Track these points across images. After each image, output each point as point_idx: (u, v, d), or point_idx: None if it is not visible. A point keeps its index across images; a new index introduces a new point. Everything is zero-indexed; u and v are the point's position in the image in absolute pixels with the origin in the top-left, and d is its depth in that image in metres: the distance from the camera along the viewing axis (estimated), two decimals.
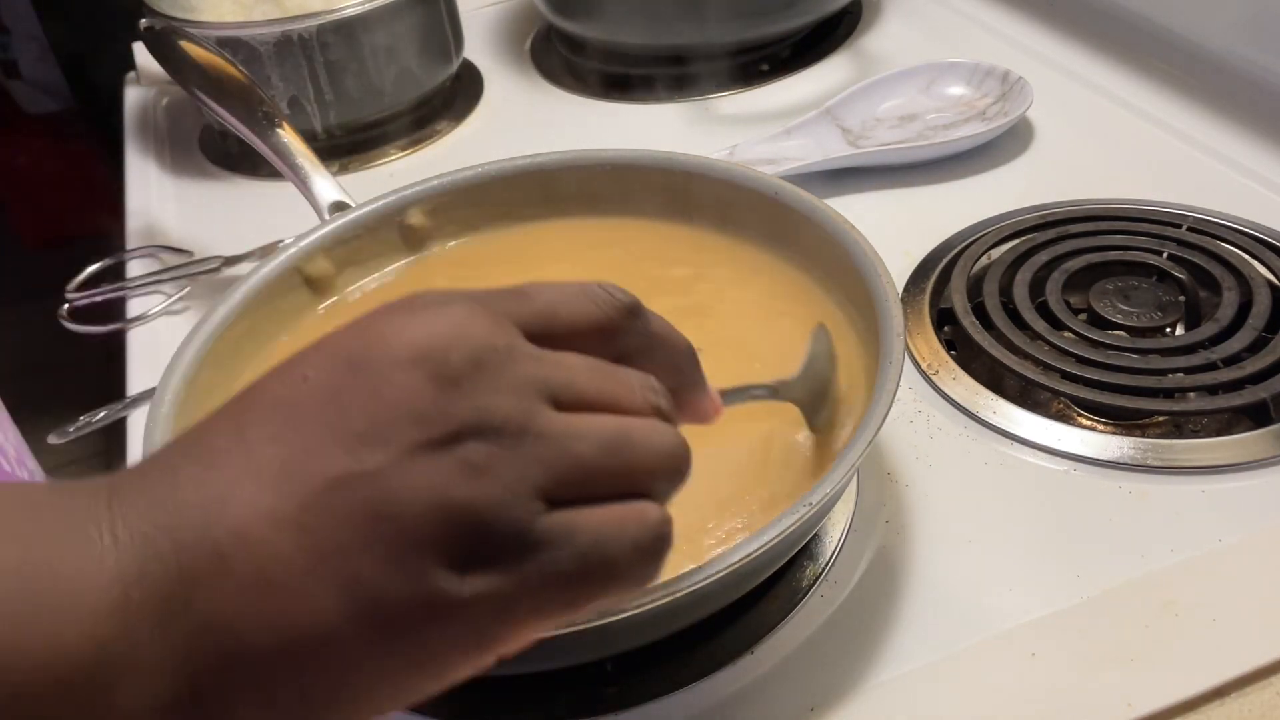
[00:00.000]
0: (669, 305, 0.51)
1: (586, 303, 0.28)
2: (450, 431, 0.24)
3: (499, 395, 0.25)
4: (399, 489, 0.23)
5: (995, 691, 0.40)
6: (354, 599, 0.23)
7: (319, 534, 0.23)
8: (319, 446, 0.24)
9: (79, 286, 0.67)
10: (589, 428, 0.26)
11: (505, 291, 0.28)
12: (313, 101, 0.74)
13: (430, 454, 0.24)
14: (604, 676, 0.42)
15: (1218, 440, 0.48)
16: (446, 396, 0.24)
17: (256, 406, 0.25)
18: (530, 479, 0.24)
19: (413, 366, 0.24)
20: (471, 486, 0.24)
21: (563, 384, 0.26)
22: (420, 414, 0.24)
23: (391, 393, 0.24)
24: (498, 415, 0.24)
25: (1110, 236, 0.60)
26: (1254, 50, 0.69)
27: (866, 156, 0.68)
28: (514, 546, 0.24)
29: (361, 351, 0.25)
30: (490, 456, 0.24)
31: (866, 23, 0.88)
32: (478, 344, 0.25)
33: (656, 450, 0.27)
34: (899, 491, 0.48)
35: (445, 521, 0.23)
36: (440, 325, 0.25)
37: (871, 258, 0.46)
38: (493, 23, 0.96)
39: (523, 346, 0.26)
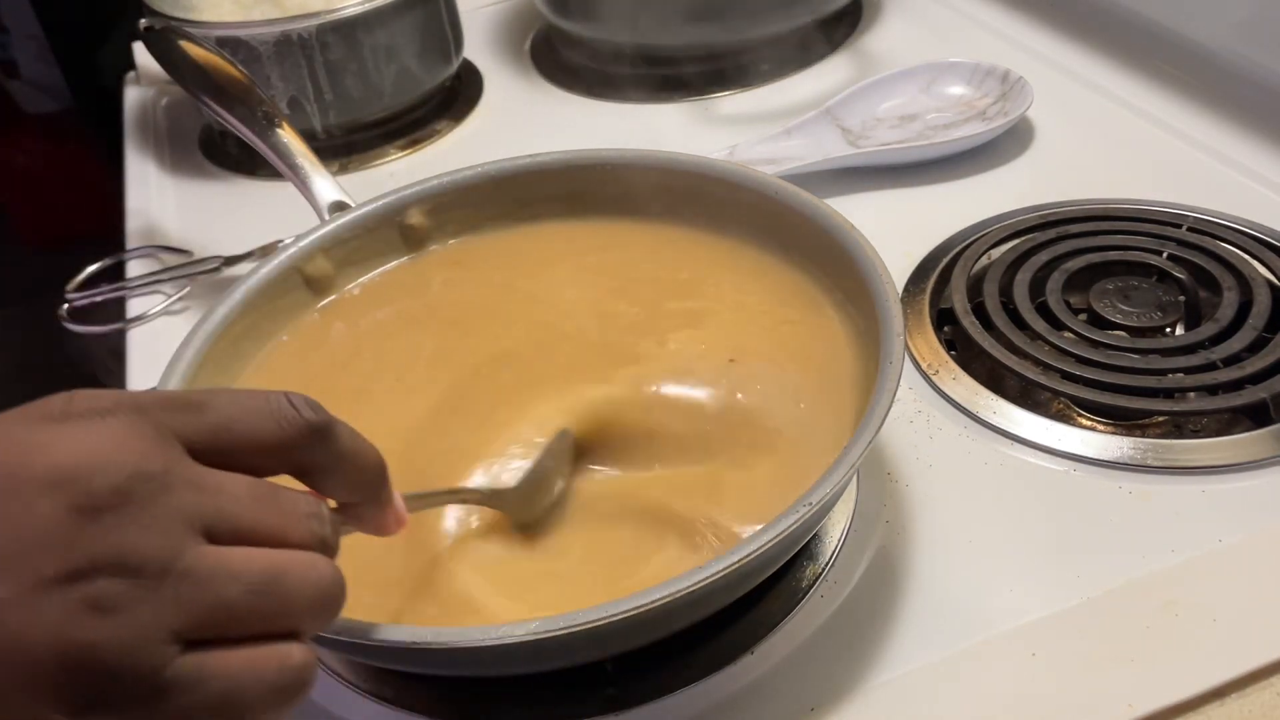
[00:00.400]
0: (669, 306, 0.52)
1: (267, 420, 0.27)
2: (80, 567, 0.22)
3: (142, 530, 0.23)
4: (16, 626, 0.22)
5: (995, 691, 0.40)
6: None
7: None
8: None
9: (79, 286, 0.67)
10: (239, 567, 0.25)
11: (178, 401, 0.26)
12: (313, 101, 0.74)
13: (56, 590, 0.22)
14: (604, 676, 0.42)
15: (1218, 440, 0.48)
16: (82, 529, 0.23)
17: None
18: (165, 622, 0.23)
19: (51, 492, 0.23)
20: (96, 628, 0.22)
21: (217, 515, 0.25)
22: (51, 546, 0.22)
23: (24, 519, 0.22)
24: (137, 553, 0.23)
25: (1110, 236, 0.60)
26: (1254, 50, 0.69)
27: (866, 156, 0.68)
28: (140, 693, 0.23)
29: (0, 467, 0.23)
30: (121, 597, 0.23)
31: (866, 23, 0.88)
32: (128, 471, 0.23)
33: (309, 589, 0.26)
34: (899, 491, 0.48)
35: (64, 665, 0.22)
36: (90, 444, 0.23)
37: (871, 258, 0.46)
38: (493, 23, 0.96)
39: (181, 471, 0.25)
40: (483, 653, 0.35)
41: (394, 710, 0.42)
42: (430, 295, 0.54)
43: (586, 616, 0.33)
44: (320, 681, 0.43)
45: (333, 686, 0.43)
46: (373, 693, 0.43)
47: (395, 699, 0.43)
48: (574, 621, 0.33)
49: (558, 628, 0.33)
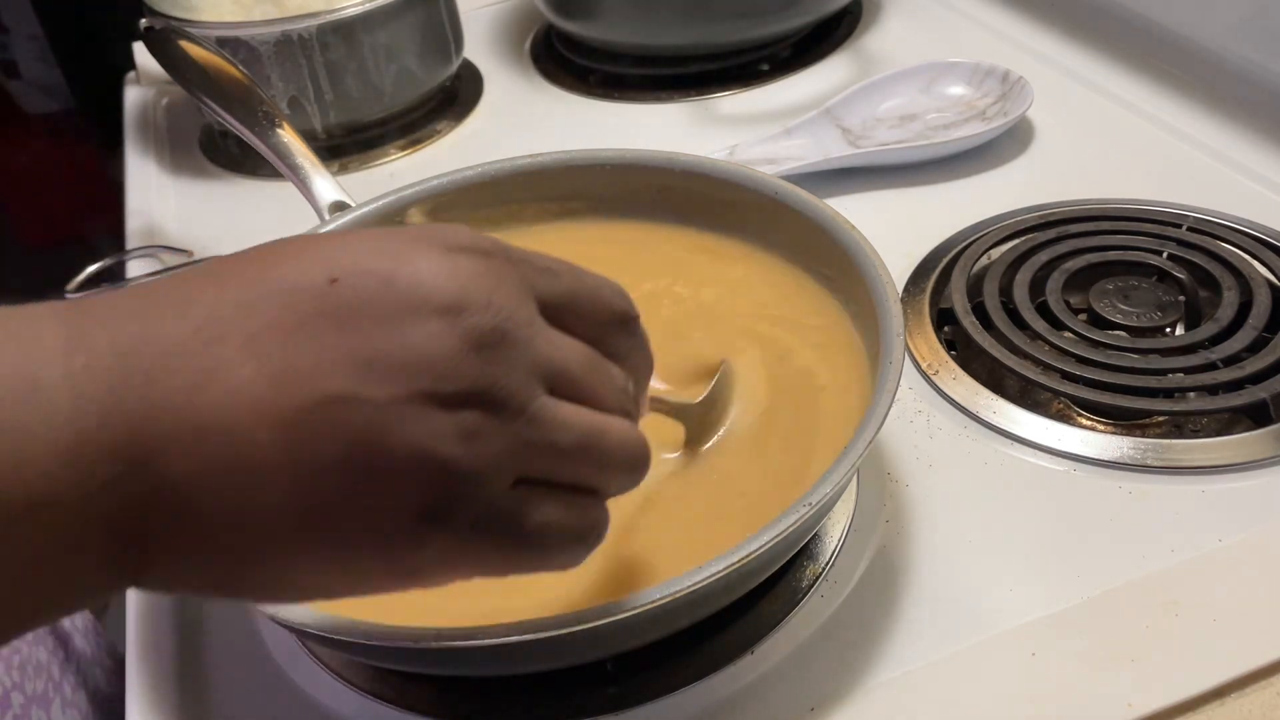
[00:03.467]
0: (669, 306, 0.52)
1: (604, 299, 0.29)
2: (459, 393, 0.24)
3: (511, 371, 0.25)
4: (393, 429, 0.24)
5: (995, 691, 0.40)
6: (314, 514, 0.24)
7: (301, 443, 0.23)
8: (328, 359, 0.24)
9: (79, 286, 0.67)
10: (574, 421, 0.27)
11: (539, 263, 0.28)
12: (313, 101, 0.74)
13: (433, 407, 0.24)
14: (604, 676, 0.42)
15: (1218, 440, 0.48)
16: (466, 358, 0.24)
17: (268, 286, 0.24)
18: (512, 458, 0.25)
19: (442, 316, 0.24)
20: (461, 450, 0.24)
21: (562, 372, 0.27)
22: (435, 366, 0.24)
23: (415, 335, 0.24)
24: (504, 391, 0.25)
25: (1110, 236, 0.60)
26: (1254, 50, 0.69)
27: (866, 156, 0.68)
28: (476, 514, 0.25)
29: (394, 278, 0.25)
30: (486, 428, 0.25)
31: (866, 23, 0.88)
32: (507, 314, 0.25)
33: (625, 449, 0.28)
34: (899, 491, 0.48)
35: (425, 475, 0.24)
36: (478, 281, 0.25)
37: (871, 258, 0.46)
38: (493, 23, 0.96)
39: (541, 326, 0.27)
40: (482, 652, 0.35)
41: (394, 710, 0.42)
42: None
43: (586, 616, 0.33)
44: (320, 681, 0.44)
45: (333, 686, 0.43)
46: (373, 692, 0.43)
47: (395, 699, 0.43)
48: (574, 621, 0.33)
49: (558, 628, 0.33)
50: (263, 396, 0.23)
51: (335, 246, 0.25)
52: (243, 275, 0.25)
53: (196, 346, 0.23)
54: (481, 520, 0.25)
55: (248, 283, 0.24)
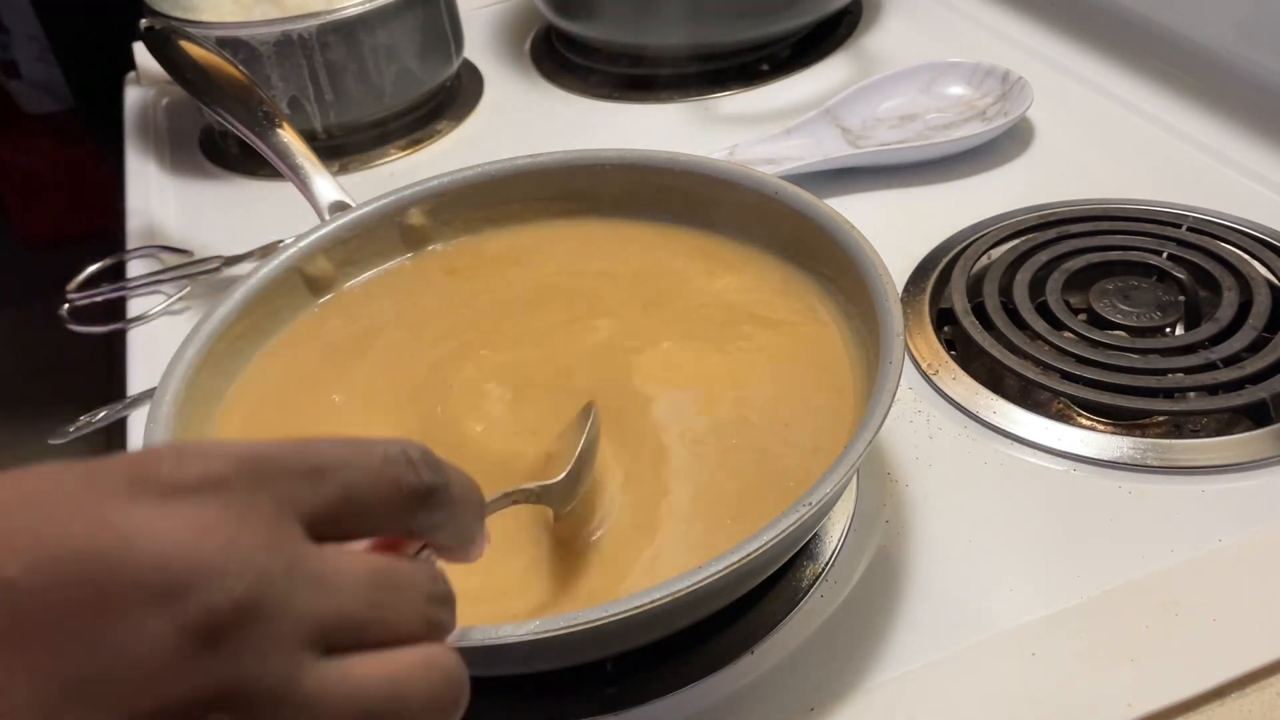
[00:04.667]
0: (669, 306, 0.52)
1: (388, 480, 0.24)
2: (190, 703, 0.19)
3: (261, 656, 0.20)
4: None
5: (995, 691, 0.40)
6: None
7: None
8: (15, 689, 0.18)
9: (79, 286, 0.67)
10: (359, 689, 0.22)
11: (296, 466, 0.22)
12: (313, 101, 0.74)
13: None
14: (604, 676, 0.42)
15: (1218, 440, 0.48)
16: (193, 658, 0.19)
17: None
18: None
19: (160, 606, 0.19)
20: None
21: (338, 619, 0.22)
22: (155, 678, 0.19)
23: (125, 642, 0.19)
24: (253, 683, 0.20)
25: (1110, 236, 0.60)
26: (1254, 50, 0.69)
27: (866, 156, 0.68)
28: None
29: (87, 563, 0.19)
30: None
31: (866, 23, 0.88)
32: (251, 576, 0.20)
33: (432, 697, 0.23)
34: (899, 491, 0.48)
35: None
36: (205, 537, 0.20)
37: (871, 258, 0.46)
38: (493, 23, 0.96)
39: (304, 565, 0.21)
40: (482, 653, 0.35)
41: None
42: (431, 295, 0.54)
43: (586, 616, 0.33)
44: None
45: None
46: None
47: None
48: (574, 621, 0.33)
49: (558, 628, 0.33)
50: None
51: (12, 520, 0.19)
52: None
53: None
54: None
55: None
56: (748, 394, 0.47)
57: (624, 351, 0.49)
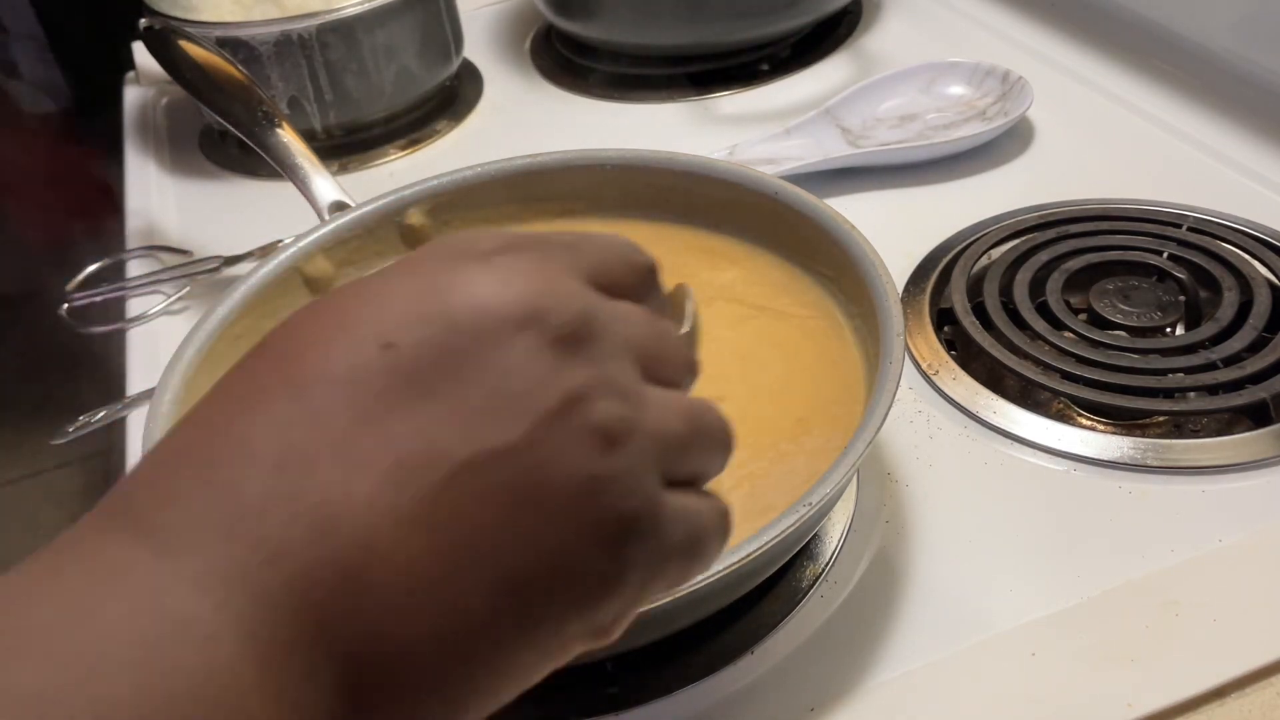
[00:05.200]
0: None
1: (629, 256, 0.26)
2: (576, 395, 0.22)
3: (610, 361, 0.23)
4: (537, 467, 0.21)
5: (995, 691, 0.40)
6: (503, 592, 0.21)
7: (454, 529, 0.20)
8: (432, 427, 0.21)
9: (79, 286, 0.67)
10: (677, 405, 0.24)
11: (557, 240, 0.25)
12: (313, 101, 0.74)
13: (560, 423, 0.21)
14: (604, 676, 0.42)
15: (1218, 440, 0.48)
16: (563, 362, 0.22)
17: (321, 383, 0.21)
18: (651, 452, 0.23)
19: (521, 330, 0.22)
20: (612, 460, 0.22)
21: (642, 347, 0.24)
22: (543, 381, 0.21)
23: (505, 360, 0.21)
24: (615, 381, 0.23)
25: (1110, 236, 0.60)
26: (1254, 50, 0.69)
27: (866, 156, 0.68)
28: (650, 523, 0.23)
29: (451, 314, 0.22)
30: (620, 424, 0.22)
31: (866, 23, 0.88)
32: (578, 306, 0.23)
33: (720, 428, 0.26)
34: (899, 491, 0.48)
35: (591, 497, 0.22)
36: (533, 279, 0.22)
37: (871, 258, 0.46)
38: (493, 23, 0.96)
39: (606, 303, 0.24)
40: None
41: None
42: None
43: None
44: None
45: None
46: None
47: None
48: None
49: None
50: (391, 503, 0.20)
51: (366, 306, 0.22)
52: (284, 382, 0.21)
53: (290, 492, 0.20)
54: (658, 529, 0.23)
55: (294, 388, 0.21)
56: (746, 393, 0.47)
57: None
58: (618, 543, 0.22)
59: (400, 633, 0.20)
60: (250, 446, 0.20)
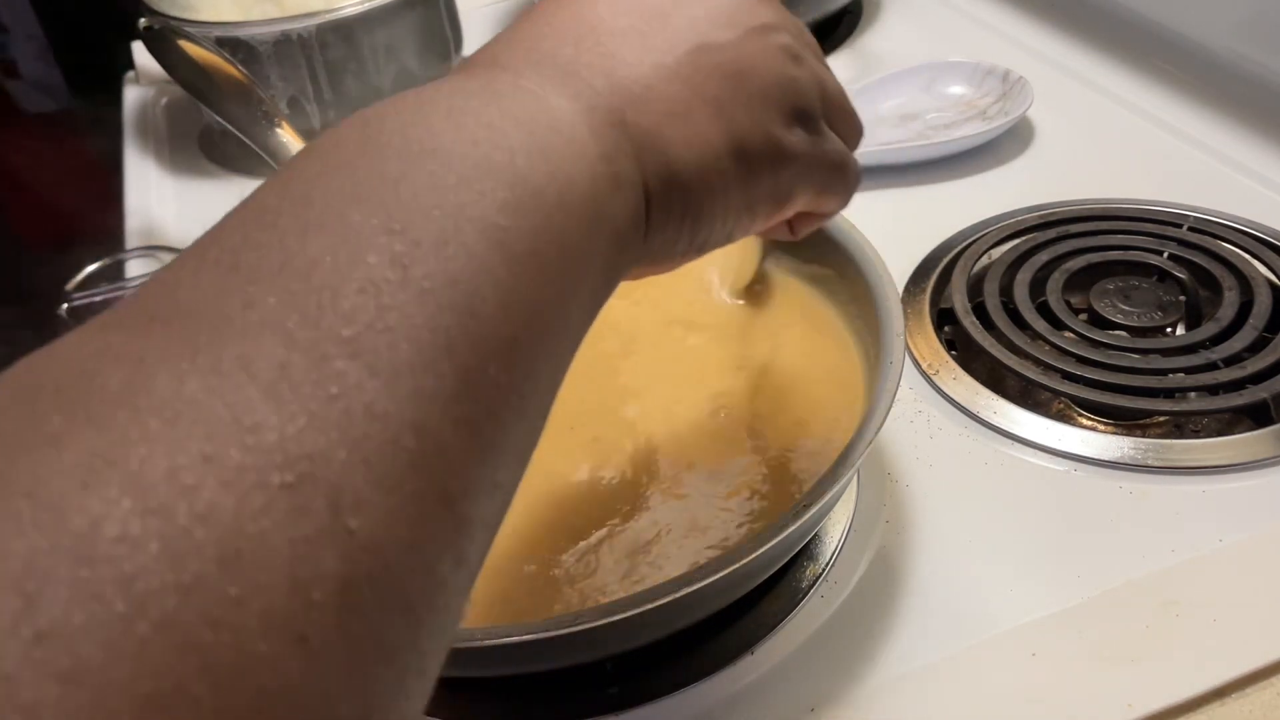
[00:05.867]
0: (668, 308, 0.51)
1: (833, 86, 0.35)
2: (772, 25, 0.31)
3: (816, 67, 0.32)
4: (747, 57, 0.30)
5: (995, 691, 0.40)
6: (730, 136, 0.29)
7: (698, 84, 0.29)
8: (674, 26, 0.29)
9: (79, 286, 0.67)
10: (841, 93, 0.34)
11: None
12: (312, 101, 0.74)
13: (762, 38, 0.30)
14: (604, 677, 0.42)
15: (1218, 440, 0.48)
16: (793, 63, 0.31)
17: (595, 14, 0.29)
18: (818, 86, 0.32)
19: (765, 35, 0.30)
20: (794, 67, 0.31)
21: (829, 81, 0.34)
22: (747, 9, 0.30)
23: (754, 62, 0.30)
24: (793, 28, 0.32)
25: (1110, 236, 0.60)
26: (1254, 50, 0.69)
27: (866, 156, 0.68)
28: (815, 123, 0.32)
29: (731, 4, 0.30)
30: (800, 52, 0.31)
31: (866, 22, 0.88)
32: (795, 29, 0.32)
33: (859, 127, 0.36)
34: (899, 491, 0.48)
35: (782, 87, 0.30)
36: (765, 11, 0.31)
37: (871, 258, 0.46)
38: (493, 22, 0.96)
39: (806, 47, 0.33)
40: (482, 652, 0.35)
41: None
42: None
43: (586, 617, 0.33)
44: None
45: None
46: None
47: None
48: (574, 622, 0.33)
49: (558, 628, 0.33)
50: (657, 60, 0.29)
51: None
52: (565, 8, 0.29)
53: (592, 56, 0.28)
54: (819, 135, 0.32)
55: (575, 10, 0.29)
56: (746, 393, 0.47)
57: (625, 350, 0.49)
58: (796, 122, 0.31)
59: (671, 148, 0.28)
60: (569, 50, 0.28)
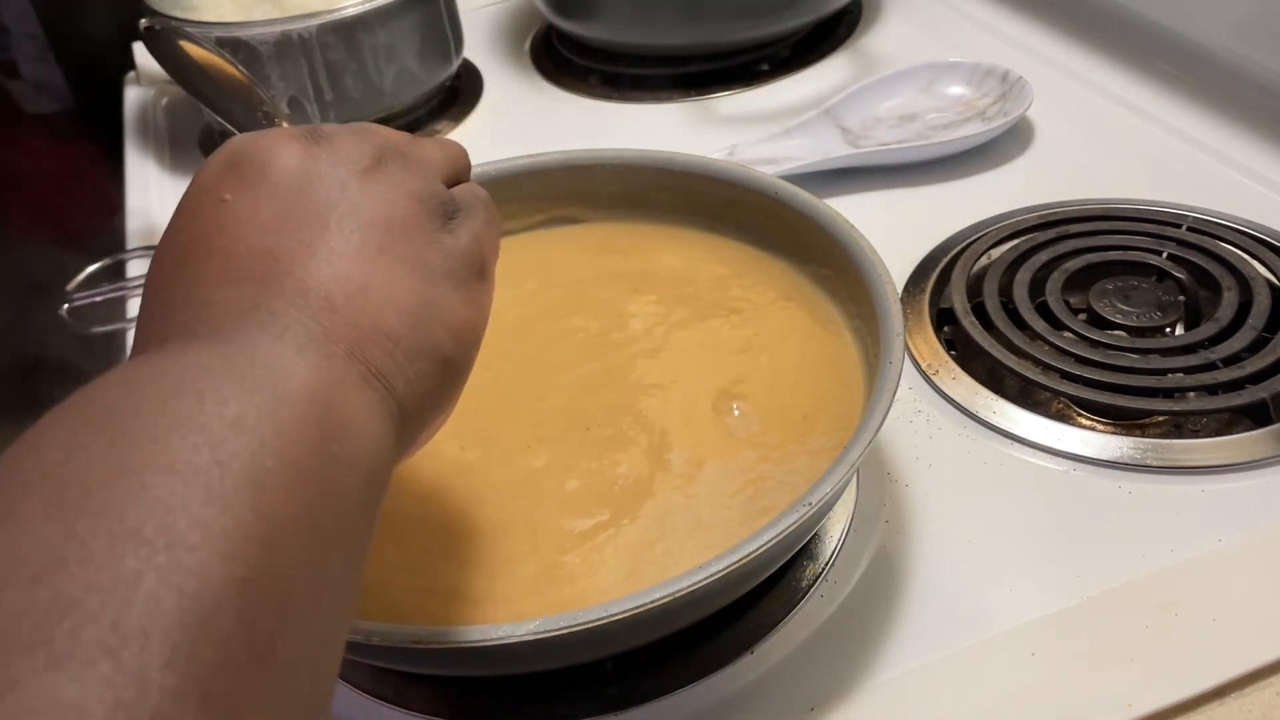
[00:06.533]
0: (668, 307, 0.52)
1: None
2: (366, 163, 0.31)
3: (367, 140, 0.32)
4: (377, 201, 0.31)
5: (995, 691, 0.40)
6: (414, 268, 0.30)
7: (362, 247, 0.30)
8: (302, 210, 0.30)
9: (79, 286, 0.67)
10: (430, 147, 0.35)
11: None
12: (313, 101, 0.74)
13: (371, 179, 0.31)
14: (604, 676, 0.42)
15: (1218, 440, 0.48)
16: (340, 150, 0.31)
17: (219, 247, 0.29)
18: (430, 174, 0.33)
19: (299, 148, 0.31)
20: (411, 182, 0.32)
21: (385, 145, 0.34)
22: (342, 162, 0.31)
23: (307, 164, 0.30)
24: (387, 144, 0.33)
25: (1110, 236, 0.60)
26: (1254, 50, 0.69)
27: (866, 156, 0.68)
28: (456, 207, 0.33)
29: (249, 158, 0.30)
30: (403, 166, 0.32)
31: (866, 23, 0.88)
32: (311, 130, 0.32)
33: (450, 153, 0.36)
34: (899, 491, 0.48)
35: (418, 202, 0.32)
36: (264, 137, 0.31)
37: (871, 258, 0.46)
38: (493, 23, 0.96)
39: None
40: (483, 653, 0.35)
41: (393, 709, 0.42)
42: None
43: (586, 616, 0.33)
44: None
45: None
46: (372, 692, 0.43)
47: (395, 698, 0.43)
48: (574, 621, 0.33)
49: (558, 628, 0.33)
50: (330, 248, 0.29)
51: (185, 199, 0.32)
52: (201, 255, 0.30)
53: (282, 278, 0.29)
54: (461, 212, 0.33)
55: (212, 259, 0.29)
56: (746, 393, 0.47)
57: (625, 350, 0.49)
58: (445, 223, 0.32)
59: (383, 320, 0.29)
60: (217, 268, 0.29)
